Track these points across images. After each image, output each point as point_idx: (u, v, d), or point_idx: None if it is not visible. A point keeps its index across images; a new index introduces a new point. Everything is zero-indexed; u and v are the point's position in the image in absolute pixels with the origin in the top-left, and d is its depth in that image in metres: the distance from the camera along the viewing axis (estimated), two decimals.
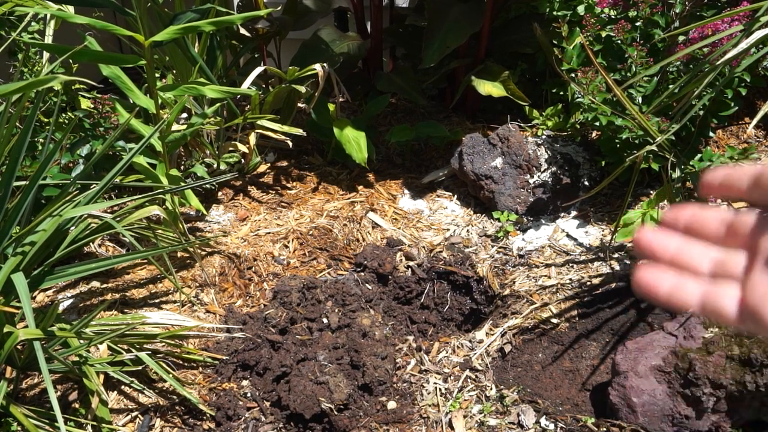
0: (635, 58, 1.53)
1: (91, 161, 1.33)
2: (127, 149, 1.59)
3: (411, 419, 1.27)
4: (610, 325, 1.41)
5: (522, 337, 1.42)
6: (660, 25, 1.59)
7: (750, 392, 1.10)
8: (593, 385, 1.30)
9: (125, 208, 1.44)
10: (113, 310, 1.43)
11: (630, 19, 1.61)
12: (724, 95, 1.52)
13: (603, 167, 1.75)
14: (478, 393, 1.31)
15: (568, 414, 1.24)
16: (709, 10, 1.57)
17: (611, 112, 1.54)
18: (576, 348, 1.38)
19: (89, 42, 1.40)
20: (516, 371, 1.36)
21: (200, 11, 1.40)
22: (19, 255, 1.26)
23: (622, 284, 1.49)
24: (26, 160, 1.50)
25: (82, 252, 1.56)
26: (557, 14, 1.84)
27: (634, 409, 1.17)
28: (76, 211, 1.25)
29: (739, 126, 1.82)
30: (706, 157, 1.48)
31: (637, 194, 1.70)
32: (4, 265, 1.20)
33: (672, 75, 1.55)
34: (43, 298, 1.48)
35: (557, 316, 1.45)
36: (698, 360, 1.14)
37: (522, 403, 1.27)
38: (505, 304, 1.51)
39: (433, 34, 1.88)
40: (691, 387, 1.14)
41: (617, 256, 1.57)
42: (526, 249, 1.65)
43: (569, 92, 1.83)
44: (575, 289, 1.50)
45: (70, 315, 1.42)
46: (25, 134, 1.22)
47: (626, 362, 1.21)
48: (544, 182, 1.74)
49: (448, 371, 1.38)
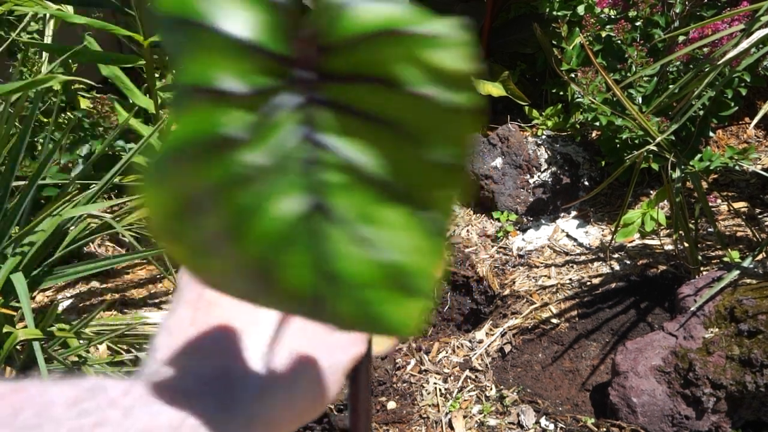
0: (635, 58, 1.53)
1: (91, 161, 1.33)
2: (126, 149, 1.59)
3: (411, 419, 1.28)
4: (610, 325, 1.41)
5: (522, 337, 1.43)
6: (660, 25, 1.59)
7: (750, 392, 1.10)
8: (593, 385, 1.30)
9: (125, 208, 1.45)
10: (113, 310, 1.44)
11: (630, 19, 1.61)
12: (724, 95, 1.52)
13: (603, 167, 1.75)
14: (477, 393, 1.31)
15: (568, 414, 1.24)
16: (709, 10, 1.57)
17: (611, 112, 1.54)
18: (576, 348, 1.39)
19: (88, 42, 1.40)
20: (516, 371, 1.36)
21: None
22: (18, 255, 1.26)
23: (622, 284, 1.49)
24: (25, 160, 1.51)
25: (81, 252, 1.57)
26: (557, 14, 1.84)
27: (634, 409, 1.17)
28: (75, 211, 1.26)
29: (739, 126, 1.82)
30: (706, 157, 1.48)
31: (637, 194, 1.71)
32: (3, 265, 1.20)
33: (672, 75, 1.55)
34: (43, 298, 1.48)
35: (557, 316, 1.45)
36: (698, 360, 1.14)
37: (522, 403, 1.27)
38: (505, 304, 1.52)
39: None
40: (691, 387, 1.14)
41: (617, 256, 1.57)
42: (526, 249, 1.65)
43: (569, 92, 1.83)
44: (575, 289, 1.50)
45: (70, 315, 1.43)
46: (24, 134, 1.23)
47: (626, 362, 1.21)
48: (544, 182, 1.74)
49: (448, 371, 1.38)
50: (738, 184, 1.68)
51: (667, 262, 1.52)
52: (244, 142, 0.21)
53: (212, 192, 0.22)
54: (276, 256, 0.23)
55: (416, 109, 0.21)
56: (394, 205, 0.23)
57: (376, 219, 0.23)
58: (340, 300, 0.23)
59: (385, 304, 0.24)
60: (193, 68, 0.21)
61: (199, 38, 0.21)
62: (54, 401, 0.22)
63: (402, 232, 0.23)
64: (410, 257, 0.23)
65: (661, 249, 1.57)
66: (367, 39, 0.20)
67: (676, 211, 1.37)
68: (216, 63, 0.21)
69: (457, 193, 0.22)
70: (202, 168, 0.21)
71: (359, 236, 0.23)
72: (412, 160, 0.22)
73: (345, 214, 0.23)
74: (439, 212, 0.23)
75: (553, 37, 1.82)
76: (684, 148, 1.58)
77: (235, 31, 0.20)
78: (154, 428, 0.23)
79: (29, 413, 0.22)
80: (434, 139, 0.22)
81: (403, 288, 0.23)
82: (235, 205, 0.22)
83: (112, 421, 0.23)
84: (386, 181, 0.22)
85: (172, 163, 0.21)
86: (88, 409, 0.22)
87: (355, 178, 0.22)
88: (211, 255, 0.23)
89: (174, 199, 0.22)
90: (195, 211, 0.22)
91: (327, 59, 0.21)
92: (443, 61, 0.20)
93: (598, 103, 1.53)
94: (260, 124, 0.21)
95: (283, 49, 0.21)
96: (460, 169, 0.22)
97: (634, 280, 1.49)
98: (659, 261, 1.53)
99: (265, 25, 0.21)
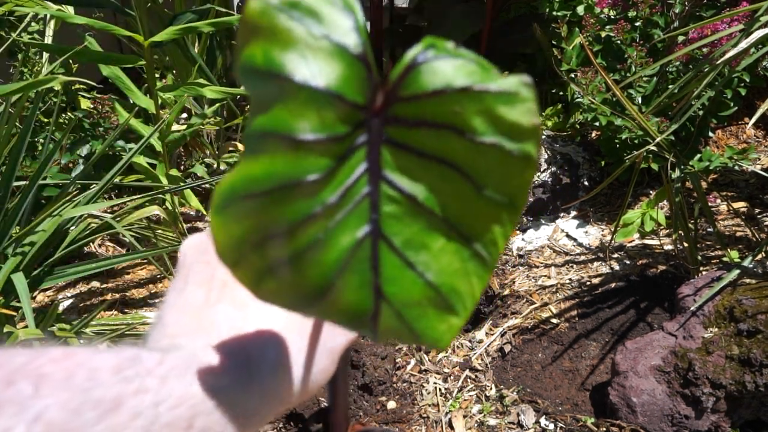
0: (635, 58, 1.53)
1: (91, 161, 1.33)
2: (126, 149, 1.59)
3: (411, 419, 1.28)
4: (610, 325, 1.41)
5: (522, 337, 1.43)
6: (659, 26, 1.59)
7: (749, 392, 1.10)
8: (593, 384, 1.30)
9: (125, 208, 1.45)
10: (113, 310, 1.44)
11: (629, 19, 1.61)
12: (723, 95, 1.52)
13: (603, 167, 1.75)
14: (477, 393, 1.32)
15: (567, 414, 1.25)
16: (708, 11, 1.58)
17: (611, 113, 1.54)
18: (576, 348, 1.39)
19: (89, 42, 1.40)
20: (516, 371, 1.37)
21: (200, 12, 1.41)
22: (19, 255, 1.26)
23: (622, 284, 1.49)
24: (26, 160, 1.51)
25: (81, 252, 1.57)
26: (557, 14, 1.84)
27: (633, 408, 1.17)
28: (75, 211, 1.26)
29: (738, 126, 1.82)
30: (705, 157, 1.48)
31: (636, 194, 1.71)
32: (4, 265, 1.21)
33: (671, 75, 1.55)
34: (43, 298, 1.49)
35: (557, 316, 1.46)
36: (698, 360, 1.15)
37: (522, 402, 1.27)
38: (505, 304, 1.52)
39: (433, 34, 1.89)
40: (690, 387, 1.14)
41: (617, 256, 1.58)
42: (526, 249, 1.65)
43: (569, 92, 1.83)
44: (575, 289, 1.51)
45: (70, 315, 1.43)
46: (24, 134, 1.23)
47: (626, 362, 1.21)
48: (543, 182, 1.74)
49: (448, 371, 1.38)
50: (737, 184, 1.69)
51: (667, 262, 1.52)
52: (318, 184, 0.23)
53: (285, 227, 0.24)
54: (336, 279, 0.25)
55: (480, 156, 0.23)
56: (445, 235, 0.25)
57: (426, 246, 0.25)
58: (388, 317, 0.26)
59: (427, 321, 0.26)
60: (282, 115, 0.23)
61: (285, 90, 0.22)
62: (100, 367, 0.24)
63: (446, 257, 0.25)
64: (452, 280, 0.26)
65: (661, 249, 1.57)
66: (443, 93, 0.23)
67: (675, 211, 1.37)
68: (299, 113, 0.22)
69: (506, 226, 0.25)
70: (278, 206, 0.23)
71: (409, 260, 0.25)
72: (465, 197, 0.24)
73: (399, 240, 0.25)
74: (488, 244, 0.25)
75: (553, 37, 1.82)
76: (683, 148, 1.58)
77: (318, 84, 0.22)
78: (189, 396, 0.26)
79: (81, 377, 0.23)
80: (493, 182, 0.24)
81: (445, 308, 0.26)
82: (304, 238, 0.24)
83: (151, 388, 0.25)
84: (436, 213, 0.25)
85: (250, 198, 0.23)
86: (129, 376, 0.24)
87: (409, 209, 0.25)
88: (273, 278, 0.25)
89: (245, 230, 0.24)
90: (264, 243, 0.24)
91: (399, 107, 0.23)
92: (511, 115, 0.23)
93: (597, 103, 1.53)
94: (333, 168, 0.23)
95: (361, 99, 0.23)
96: (513, 206, 0.25)
97: (633, 279, 1.50)
98: (659, 261, 1.54)
99: (347, 77, 0.23)
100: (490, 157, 0.23)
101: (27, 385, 0.22)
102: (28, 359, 0.23)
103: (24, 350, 0.24)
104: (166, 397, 0.25)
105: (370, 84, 0.23)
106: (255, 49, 0.22)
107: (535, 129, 0.23)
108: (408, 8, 2.36)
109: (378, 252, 0.25)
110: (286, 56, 0.22)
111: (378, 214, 0.25)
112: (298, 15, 0.22)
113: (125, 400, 0.24)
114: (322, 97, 0.22)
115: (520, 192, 0.24)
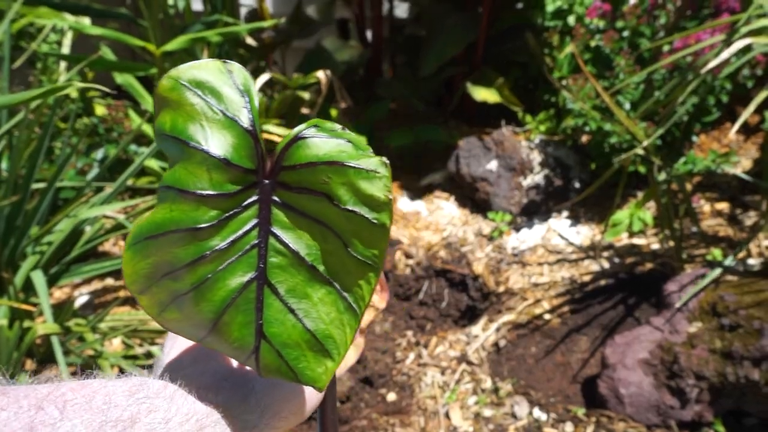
0: (623, 66, 1.58)
1: (105, 164, 1.37)
2: (139, 153, 1.64)
3: (410, 410, 1.31)
4: (600, 321, 1.44)
5: (516, 332, 1.46)
6: (646, 35, 1.64)
7: (731, 383, 1.13)
8: (584, 377, 1.33)
9: (138, 209, 1.49)
10: (126, 306, 1.48)
11: (618, 29, 1.66)
12: (706, 102, 1.57)
13: (593, 170, 1.78)
14: (473, 385, 1.35)
15: (559, 405, 1.27)
16: (692, 21, 1.63)
17: (600, 118, 1.59)
18: (567, 342, 1.41)
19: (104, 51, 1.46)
20: (510, 364, 1.39)
21: (208, 22, 1.46)
22: (37, 254, 1.31)
23: (611, 281, 1.52)
24: (44, 164, 1.54)
25: (96, 251, 1.60)
26: (549, 24, 1.89)
27: (622, 400, 1.20)
28: (91, 212, 1.30)
29: (721, 130, 1.86)
30: (689, 160, 1.53)
31: (625, 195, 1.73)
32: (23, 264, 1.25)
33: (658, 82, 1.60)
34: (60, 295, 1.52)
35: (549, 312, 1.49)
36: (683, 353, 1.17)
37: (516, 394, 1.30)
38: (500, 301, 1.55)
39: (431, 43, 1.95)
40: (675, 379, 1.17)
41: (606, 254, 1.61)
42: (520, 248, 1.69)
43: (560, 98, 1.88)
44: (567, 286, 1.54)
45: (86, 311, 1.47)
46: (43, 139, 1.27)
47: (615, 355, 1.24)
48: (537, 184, 1.79)
49: (446, 364, 1.41)
50: (720, 185, 1.71)
51: (654, 260, 1.55)
52: (207, 232, 0.28)
53: (181, 266, 0.28)
54: (224, 315, 0.29)
55: (347, 220, 0.28)
56: (325, 287, 0.29)
57: (307, 295, 0.29)
58: (269, 354, 0.30)
59: (306, 362, 0.30)
60: (181, 173, 0.28)
61: (185, 152, 0.27)
62: (114, 392, 0.28)
63: (324, 307, 0.29)
64: (329, 328, 0.29)
65: (648, 248, 1.60)
66: (315, 165, 0.27)
67: (662, 212, 1.42)
68: (193, 172, 0.27)
69: (371, 284, 0.29)
70: (174, 248, 0.28)
71: (291, 307, 0.29)
72: (339, 255, 0.29)
73: (283, 288, 0.29)
74: (358, 298, 0.29)
75: (546, 46, 1.87)
76: (669, 151, 1.62)
77: (209, 149, 0.27)
78: (194, 412, 0.29)
79: (99, 401, 0.27)
80: (360, 244, 0.28)
81: (321, 352, 0.30)
82: (197, 276, 0.28)
83: (160, 407, 0.28)
84: (317, 267, 0.29)
85: (152, 239, 0.28)
86: (140, 398, 0.28)
87: (293, 262, 0.29)
88: (174, 310, 0.29)
89: (148, 266, 0.28)
90: (166, 277, 0.29)
91: (284, 174, 0.28)
92: (370, 189, 0.27)
93: (588, 108, 1.58)
94: (226, 219, 0.28)
95: (250, 164, 0.28)
96: (375, 267, 0.29)
97: (622, 277, 1.53)
98: (646, 259, 1.57)
99: (236, 146, 0.27)
100: (355, 223, 0.28)
101: (54, 409, 0.26)
102: (50, 390, 0.27)
103: (45, 384, 0.27)
104: (175, 414, 0.28)
105: (257, 153, 0.27)
106: (165, 117, 0.27)
107: (388, 202, 0.27)
108: (407, 18, 2.42)
109: (263, 296, 0.29)
110: (188, 125, 0.27)
111: (265, 264, 0.28)
112: (201, 92, 0.27)
113: (140, 418, 0.27)
114: (213, 161, 0.27)
115: (381, 255, 0.28)
